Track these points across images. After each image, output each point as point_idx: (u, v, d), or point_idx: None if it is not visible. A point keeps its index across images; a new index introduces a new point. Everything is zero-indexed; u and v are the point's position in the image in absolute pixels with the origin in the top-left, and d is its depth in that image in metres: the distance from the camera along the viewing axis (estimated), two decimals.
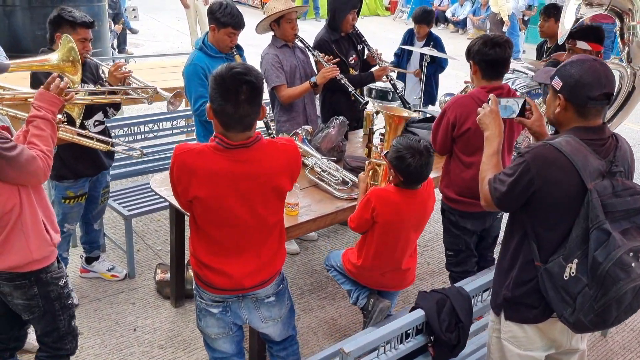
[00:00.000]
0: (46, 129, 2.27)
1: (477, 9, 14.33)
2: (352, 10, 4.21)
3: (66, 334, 2.50)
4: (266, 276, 2.31)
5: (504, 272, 2.20)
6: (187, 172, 2.10)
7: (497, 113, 2.29)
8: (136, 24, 12.54)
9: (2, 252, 2.23)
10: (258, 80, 2.06)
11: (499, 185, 2.08)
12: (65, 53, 2.71)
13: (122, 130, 4.37)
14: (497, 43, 2.91)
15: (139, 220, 4.63)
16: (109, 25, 9.51)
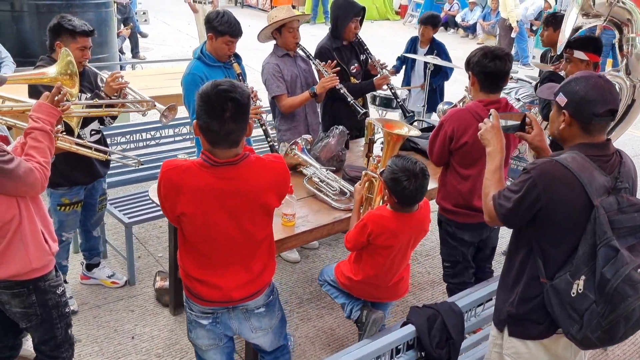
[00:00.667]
0: (44, 141, 2.29)
1: (487, 14, 14.27)
2: (355, 18, 4.20)
3: (63, 342, 2.52)
4: (255, 288, 2.31)
5: (508, 288, 2.19)
6: (173, 189, 2.11)
7: (498, 129, 2.28)
8: (146, 28, 12.62)
9: (2, 262, 2.25)
10: (243, 97, 2.06)
11: (504, 202, 2.06)
12: (64, 67, 2.73)
13: (125, 138, 4.40)
14: (497, 56, 2.88)
15: (141, 226, 4.64)
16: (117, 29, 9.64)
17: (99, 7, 6.63)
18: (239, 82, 2.15)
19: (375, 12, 17.71)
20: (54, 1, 6.16)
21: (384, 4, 17.88)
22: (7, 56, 5.50)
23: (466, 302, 2.51)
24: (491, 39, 13.68)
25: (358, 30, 4.28)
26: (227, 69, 3.69)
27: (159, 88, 5.03)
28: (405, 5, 18.03)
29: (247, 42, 3.69)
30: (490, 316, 2.66)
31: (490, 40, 13.74)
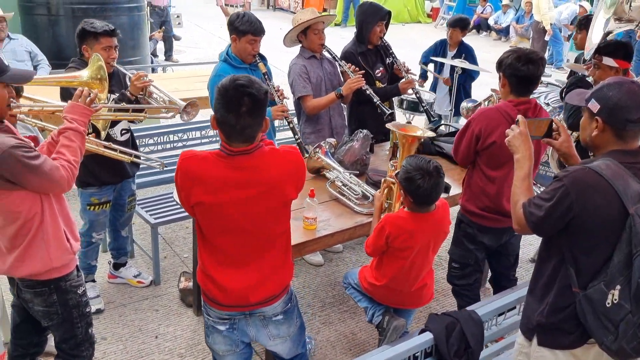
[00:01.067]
0: (76, 141, 2.36)
1: (521, 16, 14.08)
2: (380, 22, 4.18)
3: (83, 341, 2.57)
4: (271, 292, 2.30)
5: (538, 296, 2.15)
6: (189, 177, 2.13)
7: (526, 135, 2.24)
8: (180, 31, 12.83)
9: (24, 259, 2.31)
10: (260, 92, 2.07)
11: (534, 210, 2.03)
12: (95, 71, 2.82)
13: (152, 140, 4.48)
14: (530, 59, 2.83)
15: (168, 227, 4.71)
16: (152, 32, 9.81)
17: (131, 11, 6.75)
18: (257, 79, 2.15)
19: (406, 15, 17.64)
20: (89, 5, 6.30)
21: (416, 6, 17.78)
22: (43, 59, 5.66)
23: (486, 310, 2.47)
24: (524, 42, 13.48)
25: (383, 34, 4.27)
26: (253, 71, 3.72)
27: (188, 90, 5.10)
28: (437, 8, 17.91)
29: (277, 44, 3.71)
30: (512, 325, 2.64)
31: (523, 43, 13.53)
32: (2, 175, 2.11)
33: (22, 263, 2.31)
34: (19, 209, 2.22)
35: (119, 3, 6.52)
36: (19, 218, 2.24)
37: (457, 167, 3.93)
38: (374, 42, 4.26)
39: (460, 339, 2.28)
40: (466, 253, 3.21)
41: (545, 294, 2.12)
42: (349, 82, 3.90)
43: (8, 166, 2.10)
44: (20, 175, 2.14)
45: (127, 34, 6.47)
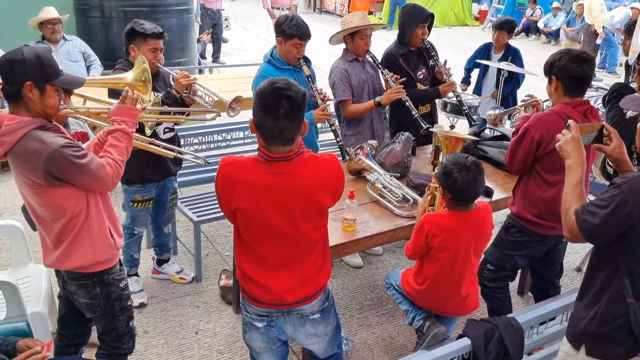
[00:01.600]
0: (123, 141, 2.45)
1: (572, 19, 13.70)
2: (421, 24, 4.17)
3: (124, 333, 2.64)
4: (309, 292, 2.32)
5: (588, 305, 2.10)
6: (230, 183, 2.16)
7: (579, 140, 2.18)
8: (227, 34, 13.03)
9: (70, 253, 2.39)
10: (298, 95, 2.08)
11: (589, 217, 1.97)
12: (139, 73, 2.90)
13: (197, 139, 4.56)
14: (584, 59, 2.79)
15: (211, 225, 4.79)
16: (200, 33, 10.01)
17: (181, 13, 6.92)
18: (295, 82, 2.17)
19: (453, 18, 17.44)
20: (140, 8, 6.49)
21: (463, 9, 17.56)
22: (95, 59, 5.86)
23: (527, 318, 2.41)
24: (575, 45, 13.11)
25: (425, 36, 4.24)
26: (297, 72, 3.76)
27: (232, 92, 5.16)
28: (484, 11, 17.63)
29: (322, 46, 3.74)
30: (553, 335, 2.57)
31: (574, 46, 13.16)
32: (52, 173, 2.19)
33: (68, 257, 2.40)
34: (65, 205, 2.30)
35: (168, 6, 6.69)
36: (66, 214, 2.32)
37: (501, 171, 3.87)
38: (416, 44, 4.24)
39: (499, 346, 2.24)
40: (505, 257, 3.16)
41: (595, 302, 2.06)
42: (389, 92, 3.91)
43: (57, 164, 2.18)
44: (68, 173, 2.22)
45: (175, 36, 6.63)
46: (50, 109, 2.27)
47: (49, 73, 2.22)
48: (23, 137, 2.18)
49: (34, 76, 2.18)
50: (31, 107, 2.23)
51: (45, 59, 2.22)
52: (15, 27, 5.88)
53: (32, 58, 2.18)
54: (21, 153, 2.19)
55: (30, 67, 2.17)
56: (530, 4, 15.49)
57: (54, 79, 2.24)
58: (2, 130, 2.18)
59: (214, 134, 4.69)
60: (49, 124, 2.29)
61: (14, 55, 2.20)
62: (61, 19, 5.51)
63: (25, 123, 2.19)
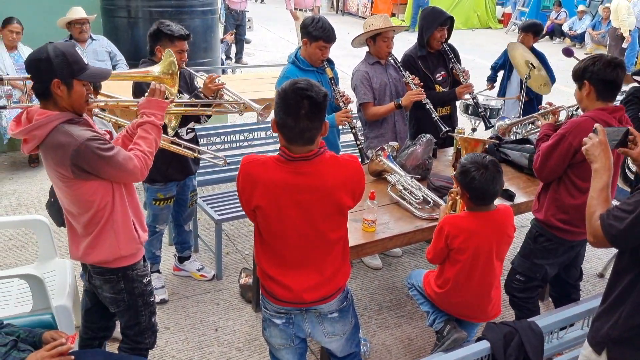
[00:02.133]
0: (152, 133, 2.48)
1: (598, 23, 13.53)
2: (440, 27, 4.17)
3: (146, 329, 2.69)
4: (328, 292, 2.33)
5: (609, 309, 2.08)
6: (250, 181, 2.19)
7: (606, 144, 2.16)
8: (250, 34, 13.11)
9: (95, 247, 2.44)
10: (319, 96, 2.10)
11: (614, 222, 1.96)
12: (166, 66, 2.92)
13: (219, 138, 4.62)
14: (618, 64, 2.78)
15: (232, 224, 4.84)
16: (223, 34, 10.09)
17: (205, 14, 6.98)
18: (317, 82, 2.18)
19: (476, 20, 17.32)
20: (165, 8, 6.56)
21: (486, 11, 17.43)
22: (121, 59, 5.96)
23: (547, 322, 2.40)
24: (600, 49, 12.94)
25: (444, 39, 4.24)
26: (320, 74, 3.78)
27: (254, 92, 5.21)
28: (508, 14, 17.49)
29: (345, 48, 3.76)
30: (574, 340, 2.55)
31: (599, 50, 12.99)
32: (80, 165, 2.24)
33: (93, 250, 2.45)
34: (92, 198, 2.35)
35: (193, 6, 6.75)
36: (92, 207, 2.36)
37: (523, 174, 3.85)
38: (435, 47, 4.25)
39: (518, 349, 2.23)
40: (536, 267, 3.12)
41: (618, 306, 2.05)
42: (409, 94, 3.92)
43: (85, 157, 2.23)
44: (95, 165, 2.26)
45: (200, 36, 6.69)
46: (78, 104, 2.32)
47: (74, 69, 2.26)
48: (52, 131, 2.23)
49: (60, 73, 2.23)
50: (60, 103, 2.28)
51: (70, 55, 2.26)
52: (44, 27, 6.00)
53: (57, 55, 2.23)
54: (50, 146, 2.25)
55: (57, 65, 2.22)
56: (555, 7, 15.32)
57: (80, 74, 2.29)
58: (33, 125, 2.23)
59: (235, 133, 4.74)
60: (78, 117, 2.34)
61: (39, 54, 2.24)
62: (89, 18, 5.62)
63: (54, 117, 2.24)
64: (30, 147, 2.28)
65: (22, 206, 5.22)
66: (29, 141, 2.27)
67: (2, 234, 4.67)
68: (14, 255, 4.41)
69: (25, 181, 5.75)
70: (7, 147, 6.36)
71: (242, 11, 10.99)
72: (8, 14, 5.72)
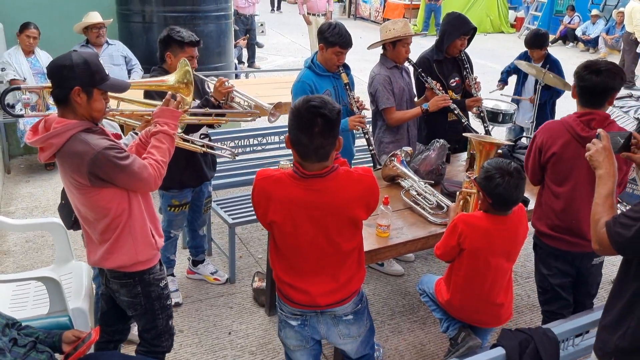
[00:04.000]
0: (165, 143, 2.51)
1: (611, 27, 13.43)
2: (463, 36, 4.18)
3: (163, 332, 2.71)
4: (343, 296, 2.36)
5: (616, 319, 2.07)
6: (265, 197, 2.22)
7: (609, 150, 2.15)
8: (262, 39, 13.18)
9: (113, 252, 2.47)
10: (332, 113, 2.11)
11: (621, 230, 1.94)
12: (182, 75, 2.94)
13: (233, 143, 4.64)
14: (598, 71, 2.71)
15: (245, 228, 4.87)
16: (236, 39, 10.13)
17: (219, 19, 7.02)
18: (331, 99, 2.20)
19: (489, 25, 17.28)
20: (180, 13, 6.61)
21: (499, 16, 17.38)
22: (136, 63, 6.02)
23: (563, 329, 2.39)
24: (614, 54, 12.87)
25: (464, 47, 4.26)
26: (336, 79, 3.80)
27: (267, 96, 5.25)
28: (521, 18, 17.42)
29: (357, 52, 3.78)
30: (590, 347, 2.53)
31: (613, 55, 12.92)
32: (96, 174, 2.27)
33: (111, 255, 2.47)
34: (108, 206, 2.38)
35: (207, 12, 6.80)
36: (109, 214, 2.39)
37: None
38: (453, 54, 4.27)
39: (533, 356, 2.22)
40: (542, 278, 3.11)
41: (626, 315, 2.03)
42: (437, 100, 3.94)
43: (101, 165, 2.26)
44: (111, 174, 2.29)
45: (213, 41, 6.73)
46: (96, 112, 2.35)
47: (96, 78, 2.30)
48: (69, 140, 2.26)
49: (82, 81, 2.26)
50: (78, 111, 2.31)
51: (93, 64, 2.30)
52: (61, 31, 6.08)
53: (80, 64, 2.26)
54: (67, 154, 2.28)
55: (79, 73, 2.25)
56: (568, 11, 15.24)
57: (101, 84, 2.32)
58: (50, 133, 2.26)
59: (250, 137, 4.76)
60: (95, 126, 2.37)
61: (63, 60, 2.27)
62: (105, 23, 5.68)
63: (71, 126, 2.27)
64: (47, 155, 2.31)
65: (38, 209, 5.28)
66: (45, 149, 2.30)
67: (19, 237, 4.73)
68: (30, 257, 4.47)
69: (41, 184, 5.82)
70: (23, 150, 6.45)
71: (251, 15, 11.03)
72: (25, 19, 5.80)
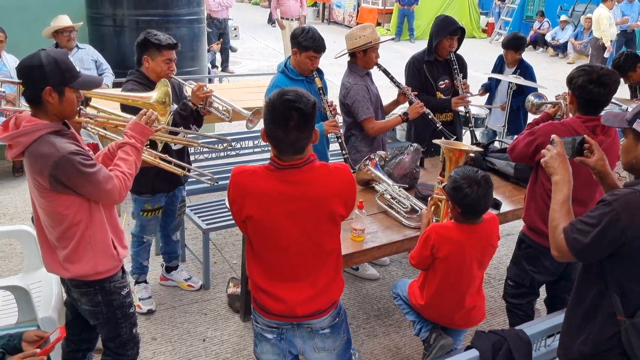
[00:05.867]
0: (132, 155, 2.49)
1: (580, 32, 13.75)
2: (449, 36, 4.23)
3: (128, 340, 2.65)
4: (321, 306, 2.31)
5: (578, 325, 2.08)
6: (240, 191, 2.19)
7: (564, 156, 2.18)
8: (236, 43, 13.12)
9: (72, 262, 2.41)
10: (307, 107, 2.09)
11: (579, 236, 1.95)
12: (162, 95, 2.98)
13: (206, 148, 4.58)
14: (603, 83, 2.73)
15: (219, 233, 4.82)
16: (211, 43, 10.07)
17: (192, 23, 6.97)
18: (306, 91, 2.18)
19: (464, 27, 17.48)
20: (152, 17, 6.53)
21: (471, 22, 17.59)
22: (107, 67, 5.94)
23: (535, 330, 2.42)
24: (582, 59, 13.15)
25: (453, 48, 4.31)
26: (309, 83, 3.79)
27: (242, 101, 5.21)
28: (492, 23, 17.68)
29: (331, 57, 3.79)
30: None
31: (581, 59, 13.20)
32: (58, 177, 2.22)
33: (71, 265, 2.41)
34: (64, 212, 2.32)
35: (180, 15, 6.74)
36: (64, 221, 2.34)
37: (509, 184, 3.89)
38: (442, 55, 4.33)
39: (507, 357, 2.25)
40: (522, 273, 3.14)
41: (587, 321, 2.04)
42: (415, 107, 3.97)
43: (63, 170, 2.21)
44: (74, 180, 2.24)
45: (186, 45, 6.67)
46: (69, 111, 2.32)
47: (66, 76, 2.26)
48: (37, 140, 2.22)
49: (53, 81, 2.22)
50: (50, 110, 2.26)
51: (62, 62, 2.25)
52: (29, 35, 5.95)
53: (50, 63, 2.22)
54: (33, 155, 2.23)
55: (49, 72, 2.21)
56: (537, 17, 15.52)
57: (72, 82, 2.28)
58: (20, 131, 2.22)
59: (223, 142, 4.71)
60: (66, 129, 2.33)
61: (32, 60, 2.23)
62: (75, 26, 5.59)
63: (41, 126, 2.23)
64: (14, 153, 2.27)
65: (6, 216, 5.16)
66: (13, 147, 2.27)
67: None
68: None
69: (8, 191, 5.69)
70: None
71: (225, 19, 10.98)
72: None
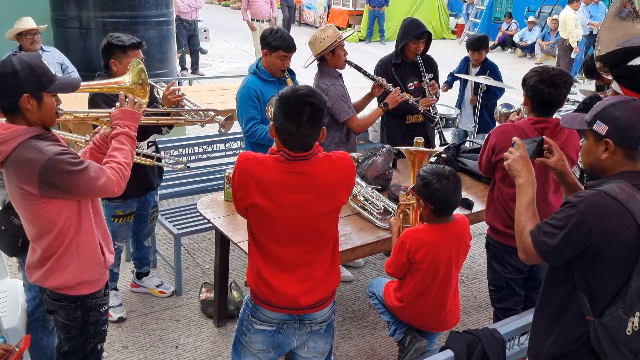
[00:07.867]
0: (127, 144, 2.41)
1: (547, 34, 14.00)
2: (415, 40, 4.26)
3: (90, 354, 2.54)
4: (322, 295, 2.31)
5: (547, 326, 2.09)
6: (247, 178, 2.16)
7: (527, 158, 2.20)
8: (206, 45, 13.01)
9: (56, 269, 2.31)
10: (321, 102, 2.13)
11: (546, 239, 1.96)
12: (135, 76, 2.80)
13: (178, 151, 4.54)
14: (554, 84, 2.78)
15: (191, 238, 4.76)
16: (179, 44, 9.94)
17: (160, 25, 6.88)
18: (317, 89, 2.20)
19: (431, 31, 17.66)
20: (119, 19, 6.43)
21: (440, 23, 17.81)
22: (73, 70, 5.80)
23: (508, 329, 2.44)
24: (550, 59, 13.39)
25: (419, 51, 4.34)
26: (281, 84, 3.77)
27: (214, 103, 5.16)
28: (461, 25, 17.90)
29: (303, 58, 3.78)
30: None
31: (549, 60, 13.44)
32: (49, 181, 2.12)
33: (54, 273, 2.32)
34: (54, 220, 2.23)
35: (148, 17, 6.64)
36: (54, 230, 2.25)
37: (480, 183, 3.92)
38: (409, 57, 4.36)
39: (481, 357, 2.25)
40: (496, 275, 3.16)
41: (555, 322, 2.05)
42: (393, 96, 3.98)
43: (54, 172, 2.11)
44: (66, 181, 2.15)
45: (155, 47, 6.58)
46: (48, 117, 2.23)
47: (43, 81, 2.16)
48: (18, 146, 2.12)
49: (29, 87, 2.12)
50: (29, 118, 2.17)
51: (37, 67, 2.15)
52: None
53: (24, 68, 2.12)
54: (16, 163, 2.13)
55: (24, 78, 2.11)
56: (506, 18, 15.77)
57: (49, 86, 2.18)
58: None
59: (194, 146, 4.67)
60: (46, 132, 2.23)
61: (4, 67, 2.11)
62: (39, 29, 5.45)
63: (21, 132, 2.13)
64: None
65: None
66: None
67: None
68: None
69: None
70: None
71: (194, 21, 10.85)
72: None
